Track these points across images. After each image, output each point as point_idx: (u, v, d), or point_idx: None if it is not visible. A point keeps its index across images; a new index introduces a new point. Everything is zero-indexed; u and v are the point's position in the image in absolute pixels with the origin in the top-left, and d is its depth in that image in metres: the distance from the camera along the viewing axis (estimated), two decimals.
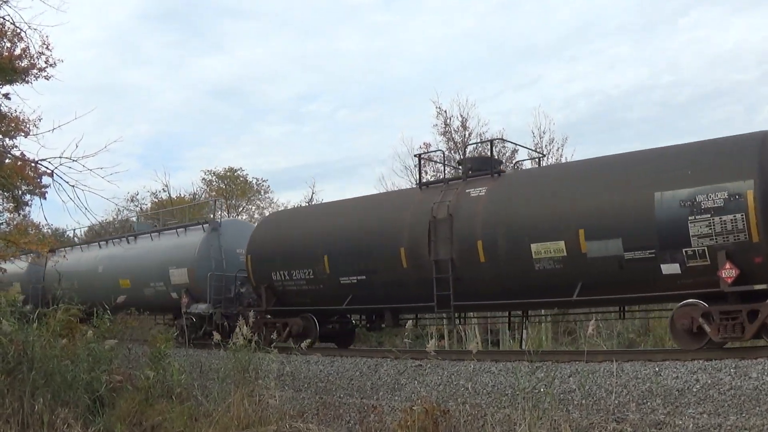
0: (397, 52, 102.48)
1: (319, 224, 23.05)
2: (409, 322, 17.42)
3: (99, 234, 43.61)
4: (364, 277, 20.78)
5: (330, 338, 24.35)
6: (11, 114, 20.73)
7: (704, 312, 15.13)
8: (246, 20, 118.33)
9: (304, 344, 16.95)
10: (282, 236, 23.92)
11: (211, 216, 31.06)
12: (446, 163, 29.44)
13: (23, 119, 20.52)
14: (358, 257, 20.92)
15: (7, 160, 19.66)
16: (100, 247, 34.00)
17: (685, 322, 15.37)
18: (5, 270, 24.21)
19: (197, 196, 56.81)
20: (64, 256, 32.18)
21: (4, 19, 18.92)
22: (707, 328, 15.03)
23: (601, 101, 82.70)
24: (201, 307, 26.57)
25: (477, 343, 14.31)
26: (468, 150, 41.47)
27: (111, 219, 52.72)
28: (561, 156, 41.26)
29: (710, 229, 14.91)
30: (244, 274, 25.65)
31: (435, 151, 39.38)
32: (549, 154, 41.08)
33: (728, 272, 14.68)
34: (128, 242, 31.86)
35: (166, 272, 28.08)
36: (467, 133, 43.68)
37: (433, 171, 42.40)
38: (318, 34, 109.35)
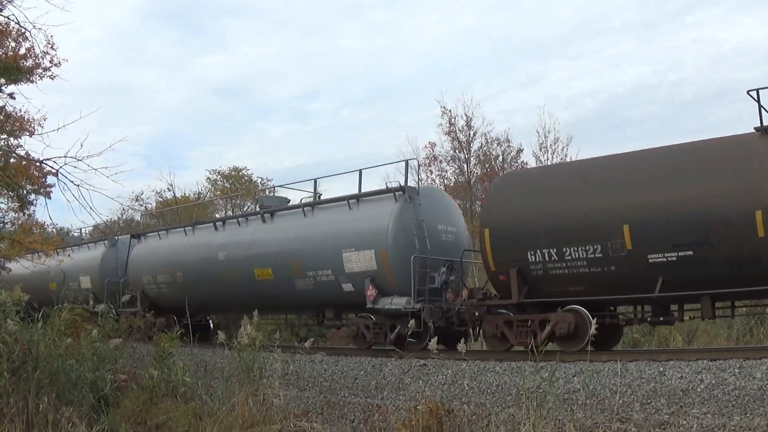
0: (399, 49, 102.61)
1: (613, 184, 17.09)
2: (412, 321, 17.18)
3: (104, 233, 43.53)
4: (690, 252, 15.47)
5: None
6: (16, 113, 20.78)
7: None
8: (248, 18, 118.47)
9: (308, 343, 16.91)
10: (545, 204, 17.81)
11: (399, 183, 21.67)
12: None
13: (28, 119, 20.60)
14: (682, 225, 15.55)
15: (12, 160, 19.71)
16: (216, 228, 27.02)
17: None
18: (10, 269, 24.24)
19: (202, 196, 56.80)
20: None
21: (8, 18, 18.95)
22: None
23: (605, 100, 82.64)
24: (398, 302, 20.02)
25: (465, 343, 14.08)
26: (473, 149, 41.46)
27: (116, 218, 52.68)
28: (566, 156, 41.25)
29: None
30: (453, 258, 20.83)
31: None
32: (554, 153, 41.10)
33: None
34: (264, 221, 24.82)
35: (338, 257, 21.28)
36: (472, 132, 43.69)
37: (438, 171, 42.43)
38: (320, 32, 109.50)
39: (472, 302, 19.10)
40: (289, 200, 26.29)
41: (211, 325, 30.14)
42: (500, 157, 42.74)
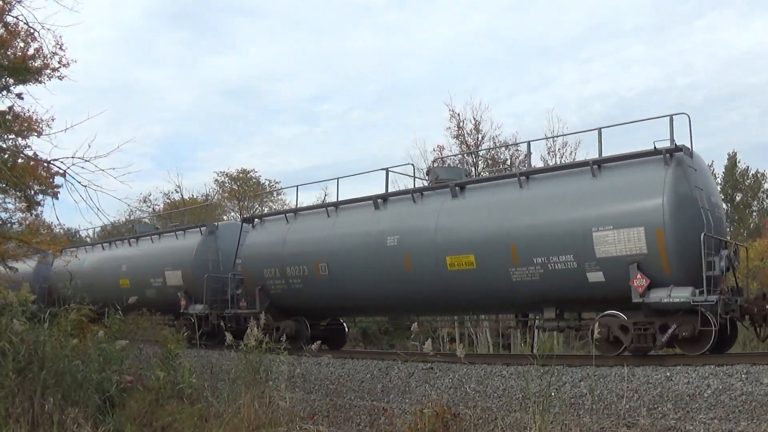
0: (409, 51, 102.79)
1: None
2: (414, 324, 17.20)
3: (110, 234, 43.76)
4: None
5: None
6: (24, 114, 20.82)
7: None
8: (258, 19, 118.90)
9: (315, 345, 16.90)
10: None
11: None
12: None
13: (36, 119, 20.63)
14: None
15: (20, 160, 19.71)
16: (377, 207, 28.71)
17: None
18: (17, 269, 24.27)
19: (210, 198, 56.91)
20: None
21: (17, 19, 18.96)
22: None
23: (615, 103, 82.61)
24: (681, 294, 16.99)
25: (463, 347, 14.12)
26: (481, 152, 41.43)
27: (124, 220, 52.80)
28: (574, 159, 41.20)
29: None
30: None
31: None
32: (563, 157, 41.04)
33: None
34: (454, 195, 24.40)
35: (587, 237, 18.03)
36: (480, 136, 43.69)
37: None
38: (331, 34, 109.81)
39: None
40: (469, 172, 24.74)
41: (347, 329, 27.21)
42: (508, 161, 42.68)
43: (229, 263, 27.28)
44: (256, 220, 26.50)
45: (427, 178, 22.72)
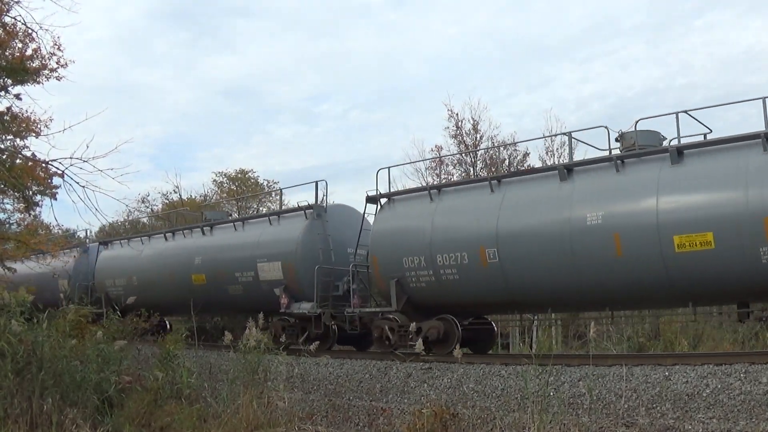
0: (408, 51, 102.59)
1: None
2: (413, 324, 16.99)
3: (109, 234, 43.63)
4: None
5: None
6: (22, 114, 20.80)
7: None
8: (257, 19, 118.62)
9: (313, 346, 16.90)
10: None
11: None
12: None
13: (34, 120, 20.59)
14: None
15: (18, 161, 19.72)
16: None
17: None
18: (15, 270, 24.28)
19: (208, 198, 56.84)
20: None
21: (15, 19, 18.98)
22: None
23: (614, 103, 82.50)
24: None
25: (459, 347, 14.07)
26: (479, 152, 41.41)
27: (122, 220, 52.77)
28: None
29: None
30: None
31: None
32: (561, 157, 41.02)
33: None
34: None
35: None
36: (478, 136, 43.67)
37: (445, 174, 42.38)
38: (329, 34, 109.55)
39: None
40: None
41: (496, 329, 23.82)
42: (507, 161, 42.64)
43: (341, 252, 24.00)
44: (383, 199, 22.12)
45: (618, 145, 18.55)
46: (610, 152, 18.06)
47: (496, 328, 23.17)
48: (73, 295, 24.29)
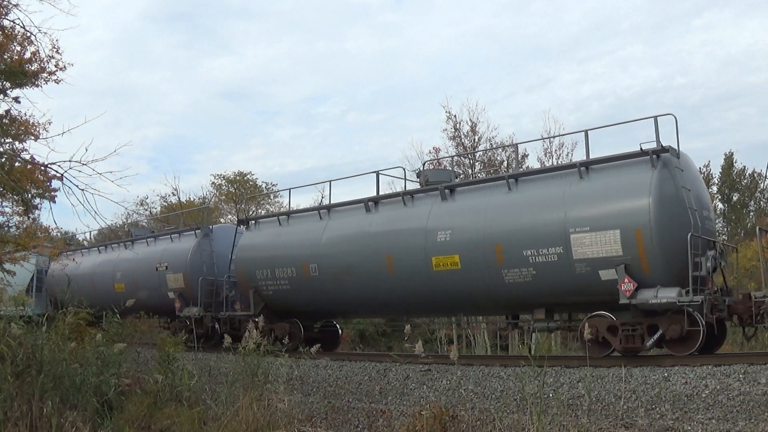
0: (407, 52, 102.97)
1: None
2: (407, 326, 17.10)
3: (108, 237, 43.68)
4: None
5: None
6: (21, 117, 20.81)
7: None
8: (254, 21, 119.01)
9: (314, 348, 16.91)
10: None
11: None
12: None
13: (33, 122, 20.60)
14: None
15: (17, 164, 19.72)
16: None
17: None
18: (14, 273, 24.31)
19: (207, 200, 56.91)
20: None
21: (14, 22, 18.99)
22: None
23: (612, 103, 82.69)
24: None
25: (456, 349, 14.14)
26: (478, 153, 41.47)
27: (121, 223, 52.84)
28: (571, 161, 41.25)
29: None
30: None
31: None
32: (559, 158, 41.11)
33: None
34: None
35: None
36: (477, 137, 43.77)
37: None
38: (327, 35, 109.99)
39: None
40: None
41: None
42: (505, 162, 42.73)
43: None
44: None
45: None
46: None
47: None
48: (194, 292, 26.98)
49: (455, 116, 44.00)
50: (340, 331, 26.96)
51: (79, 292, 29.82)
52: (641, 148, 16.58)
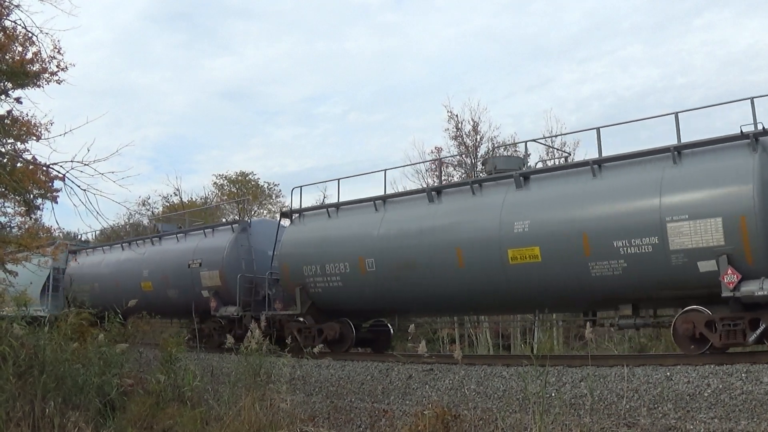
0: (407, 52, 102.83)
1: None
2: (411, 325, 17.05)
3: (110, 238, 43.57)
4: None
5: None
6: (23, 118, 20.80)
7: None
8: (254, 21, 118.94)
9: (317, 348, 16.90)
10: None
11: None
12: None
13: (35, 123, 20.59)
14: None
15: (18, 164, 19.72)
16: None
17: None
18: (17, 273, 24.31)
19: (209, 200, 56.89)
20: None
21: (15, 23, 18.99)
22: None
23: (613, 103, 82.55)
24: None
25: (460, 348, 14.14)
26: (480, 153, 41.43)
27: (123, 223, 52.83)
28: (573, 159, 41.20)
29: None
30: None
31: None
32: (560, 158, 41.06)
33: None
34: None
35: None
36: (479, 137, 43.73)
37: (445, 176, 42.38)
38: (327, 35, 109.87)
39: None
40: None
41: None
42: None
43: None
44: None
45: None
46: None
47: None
48: (232, 291, 25.74)
49: (457, 116, 43.94)
50: (391, 330, 24.52)
51: (101, 291, 30.23)
52: (741, 131, 15.51)
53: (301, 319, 22.43)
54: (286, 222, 25.01)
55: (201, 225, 31.07)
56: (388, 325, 24.13)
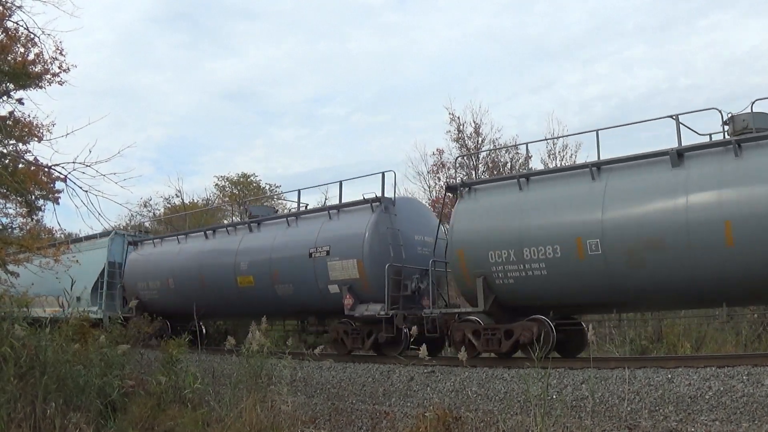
0: (410, 52, 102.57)
1: None
2: (414, 327, 16.93)
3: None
4: None
5: None
6: (25, 119, 20.81)
7: None
8: (256, 21, 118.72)
9: (318, 349, 16.90)
10: None
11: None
12: None
13: (36, 124, 20.60)
14: None
15: (20, 165, 19.73)
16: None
17: None
18: (18, 274, 24.31)
19: (210, 202, 56.85)
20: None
21: (17, 24, 19.01)
22: None
23: (617, 105, 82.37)
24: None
25: (464, 349, 14.04)
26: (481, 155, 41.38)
27: (124, 224, 52.74)
28: (575, 162, 41.17)
29: None
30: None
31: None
32: (563, 160, 41.00)
33: None
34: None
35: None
36: (480, 139, 43.70)
37: (446, 177, 42.37)
38: (330, 36, 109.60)
39: None
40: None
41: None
42: (509, 164, 42.66)
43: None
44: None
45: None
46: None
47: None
48: (372, 284, 20.96)
49: (458, 117, 43.93)
50: (587, 330, 18.81)
51: (178, 289, 27.14)
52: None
53: (474, 318, 19.00)
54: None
55: (324, 206, 26.85)
56: (582, 323, 19.95)
